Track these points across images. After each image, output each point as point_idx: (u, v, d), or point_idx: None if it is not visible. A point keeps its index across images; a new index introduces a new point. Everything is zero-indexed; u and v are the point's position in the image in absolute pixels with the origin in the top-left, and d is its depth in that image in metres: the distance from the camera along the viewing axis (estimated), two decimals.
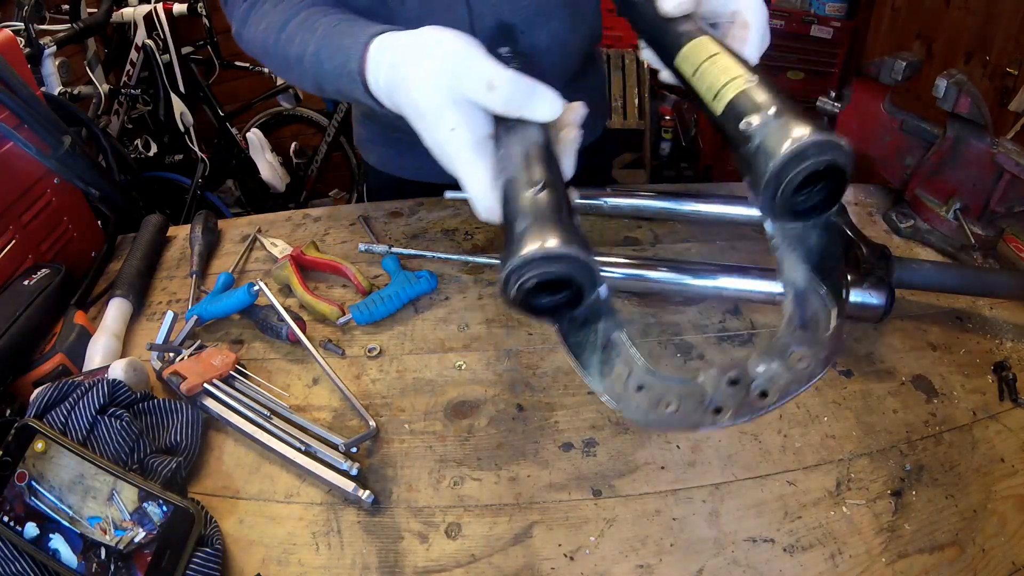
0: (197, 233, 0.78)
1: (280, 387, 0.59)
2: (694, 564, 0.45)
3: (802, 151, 0.29)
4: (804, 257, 0.34)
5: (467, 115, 0.39)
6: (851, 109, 0.82)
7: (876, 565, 0.45)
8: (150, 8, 1.93)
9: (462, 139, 0.39)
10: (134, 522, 0.45)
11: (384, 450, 0.54)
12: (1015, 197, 0.68)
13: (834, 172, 0.31)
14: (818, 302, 0.34)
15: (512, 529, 0.48)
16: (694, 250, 0.75)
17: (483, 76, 0.38)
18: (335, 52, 0.47)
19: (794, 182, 0.30)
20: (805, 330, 0.33)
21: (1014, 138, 0.72)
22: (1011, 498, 0.49)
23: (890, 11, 2.00)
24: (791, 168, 0.30)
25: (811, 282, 0.34)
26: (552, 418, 0.56)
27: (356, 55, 0.45)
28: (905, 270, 0.63)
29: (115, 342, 0.64)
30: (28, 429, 0.47)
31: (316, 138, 2.43)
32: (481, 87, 0.38)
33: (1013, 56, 1.50)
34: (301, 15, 0.53)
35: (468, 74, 0.38)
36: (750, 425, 0.54)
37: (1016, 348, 0.62)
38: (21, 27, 1.55)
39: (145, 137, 2.09)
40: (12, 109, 0.68)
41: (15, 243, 0.68)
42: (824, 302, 0.34)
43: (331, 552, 0.47)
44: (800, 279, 0.34)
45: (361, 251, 0.75)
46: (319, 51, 0.49)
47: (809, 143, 0.29)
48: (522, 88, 0.38)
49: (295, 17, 0.53)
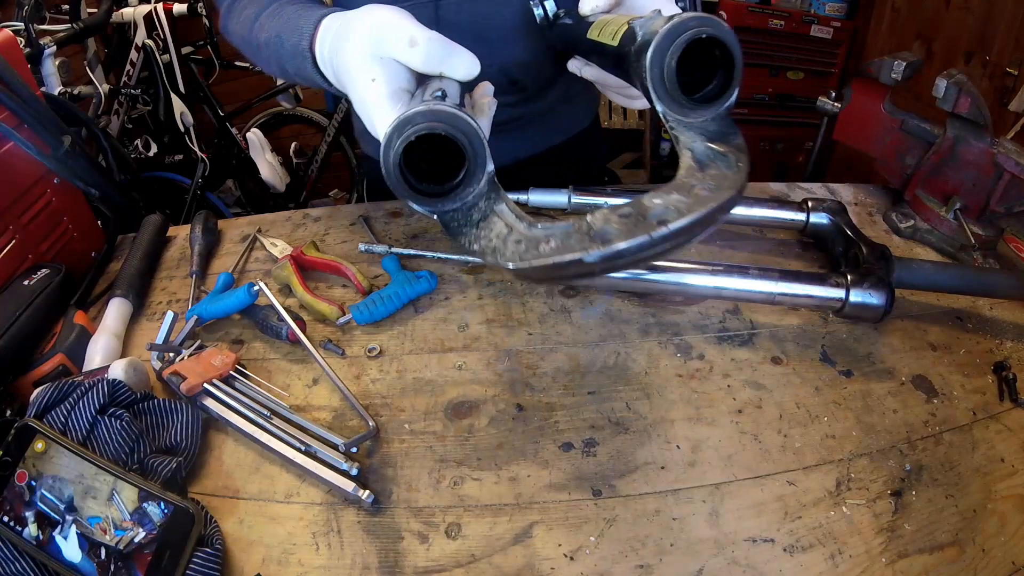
0: (197, 233, 0.78)
1: (280, 387, 0.59)
2: (694, 564, 0.45)
3: (680, 23, 0.31)
4: (701, 134, 0.34)
5: (387, 69, 0.41)
6: (851, 109, 0.82)
7: (876, 565, 0.45)
8: (150, 8, 1.93)
9: (380, 89, 0.41)
10: (134, 522, 0.45)
11: (384, 450, 0.54)
12: (1015, 197, 0.68)
13: (723, 57, 0.32)
14: (717, 158, 0.32)
15: (512, 529, 0.48)
16: (694, 250, 0.75)
17: (405, 33, 0.40)
18: (291, 33, 0.52)
19: (675, 53, 0.32)
20: (707, 171, 0.31)
21: (1014, 138, 0.72)
22: (1011, 498, 0.49)
23: (890, 11, 2.00)
24: (670, 40, 0.32)
25: (710, 147, 0.33)
26: (552, 418, 0.56)
27: (307, 34, 0.49)
28: (905, 270, 0.63)
29: (115, 342, 0.64)
30: (28, 429, 0.47)
31: (316, 138, 2.43)
32: (403, 43, 0.40)
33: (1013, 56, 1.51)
34: (272, 7, 0.59)
35: (392, 32, 0.41)
36: (750, 425, 0.54)
37: (1016, 348, 0.62)
38: (21, 27, 1.55)
39: (145, 137, 2.09)
40: (12, 109, 0.68)
41: (15, 243, 0.68)
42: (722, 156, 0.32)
43: (331, 552, 0.47)
44: (699, 147, 0.33)
45: (361, 251, 0.75)
46: (280, 34, 0.54)
47: (687, 17, 0.32)
48: (441, 46, 0.40)
49: (267, 8, 0.59)
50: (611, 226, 0.27)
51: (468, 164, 0.33)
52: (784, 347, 0.62)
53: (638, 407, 0.56)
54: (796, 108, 2.32)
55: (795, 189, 0.86)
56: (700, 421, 0.55)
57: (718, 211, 0.28)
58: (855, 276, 0.60)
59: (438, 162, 0.34)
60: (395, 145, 0.32)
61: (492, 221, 0.34)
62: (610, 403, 0.57)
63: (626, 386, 0.58)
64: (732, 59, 0.32)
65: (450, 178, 0.34)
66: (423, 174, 0.34)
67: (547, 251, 0.29)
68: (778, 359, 0.61)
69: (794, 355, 0.61)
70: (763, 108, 2.35)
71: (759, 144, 2.42)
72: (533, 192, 0.75)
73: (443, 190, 0.34)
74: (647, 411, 0.56)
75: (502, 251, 0.31)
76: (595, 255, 0.27)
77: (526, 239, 0.31)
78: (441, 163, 0.34)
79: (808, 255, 0.74)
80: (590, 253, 0.27)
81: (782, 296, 0.60)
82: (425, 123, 0.32)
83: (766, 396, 0.57)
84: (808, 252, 0.75)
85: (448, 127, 0.32)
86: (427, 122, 0.32)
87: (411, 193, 0.34)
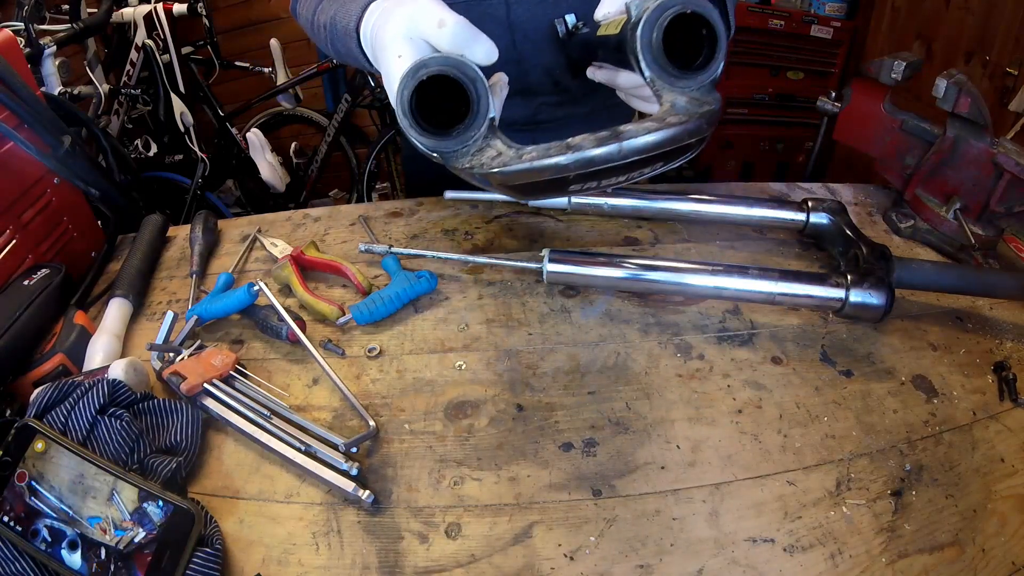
0: (197, 233, 0.78)
1: (280, 387, 0.59)
2: (694, 564, 0.45)
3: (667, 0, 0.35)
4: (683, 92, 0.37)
5: (415, 48, 0.44)
6: (851, 109, 0.82)
7: (876, 565, 0.45)
8: (150, 8, 1.93)
9: (405, 64, 0.43)
10: (134, 522, 0.45)
11: (384, 450, 0.54)
12: (1015, 197, 0.68)
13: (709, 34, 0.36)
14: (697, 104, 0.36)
15: (512, 529, 0.48)
16: (694, 250, 0.75)
17: (436, 15, 0.43)
18: (343, 16, 0.56)
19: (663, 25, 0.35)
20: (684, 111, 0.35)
21: (1014, 138, 0.72)
22: (1011, 498, 0.49)
23: (890, 11, 2.00)
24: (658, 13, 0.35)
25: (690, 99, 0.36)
26: (552, 418, 0.56)
27: (355, 16, 0.54)
28: (905, 270, 0.63)
29: (115, 342, 0.64)
30: (28, 429, 0.47)
31: (316, 138, 2.43)
32: (433, 24, 0.43)
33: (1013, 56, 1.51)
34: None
35: (424, 14, 0.44)
36: (750, 425, 0.54)
37: (1016, 348, 0.62)
38: (21, 27, 1.55)
39: (145, 137, 2.09)
40: (12, 109, 0.68)
41: (15, 243, 0.68)
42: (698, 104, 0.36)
43: (331, 552, 0.47)
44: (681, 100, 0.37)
45: (361, 251, 0.75)
46: (335, 16, 0.58)
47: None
48: (467, 30, 0.43)
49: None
50: (587, 141, 0.32)
51: (472, 107, 0.36)
52: (784, 347, 0.62)
53: (638, 407, 0.56)
54: (796, 108, 2.33)
55: (795, 189, 0.86)
56: (700, 421, 0.55)
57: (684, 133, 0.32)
58: (855, 276, 0.60)
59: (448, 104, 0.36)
60: (408, 84, 0.35)
61: (486, 149, 0.37)
62: (610, 403, 0.57)
63: (626, 386, 0.58)
64: (716, 35, 0.35)
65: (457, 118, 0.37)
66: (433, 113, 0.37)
67: (528, 159, 0.33)
68: (778, 359, 0.61)
69: (794, 355, 0.61)
70: (763, 108, 2.35)
71: (759, 144, 2.42)
72: None
73: (449, 132, 0.37)
74: (647, 411, 0.56)
75: (490, 165, 0.35)
76: (569, 158, 0.32)
77: (513, 151, 0.35)
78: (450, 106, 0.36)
79: (808, 255, 0.74)
80: (566, 156, 0.32)
81: (782, 296, 0.60)
82: (436, 66, 0.35)
83: (766, 396, 0.57)
84: (808, 252, 0.75)
85: (456, 71, 0.35)
86: (439, 66, 0.35)
87: (419, 130, 0.36)
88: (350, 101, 2.24)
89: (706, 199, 0.75)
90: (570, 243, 0.77)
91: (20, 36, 1.53)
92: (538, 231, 0.79)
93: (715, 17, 0.35)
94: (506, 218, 0.79)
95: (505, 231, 0.79)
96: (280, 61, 2.17)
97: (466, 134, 0.37)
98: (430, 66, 0.35)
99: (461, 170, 0.37)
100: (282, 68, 2.18)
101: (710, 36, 0.36)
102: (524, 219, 0.80)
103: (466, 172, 0.37)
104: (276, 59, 2.16)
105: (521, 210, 0.79)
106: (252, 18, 2.49)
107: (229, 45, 2.29)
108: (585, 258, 0.65)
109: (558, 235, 0.78)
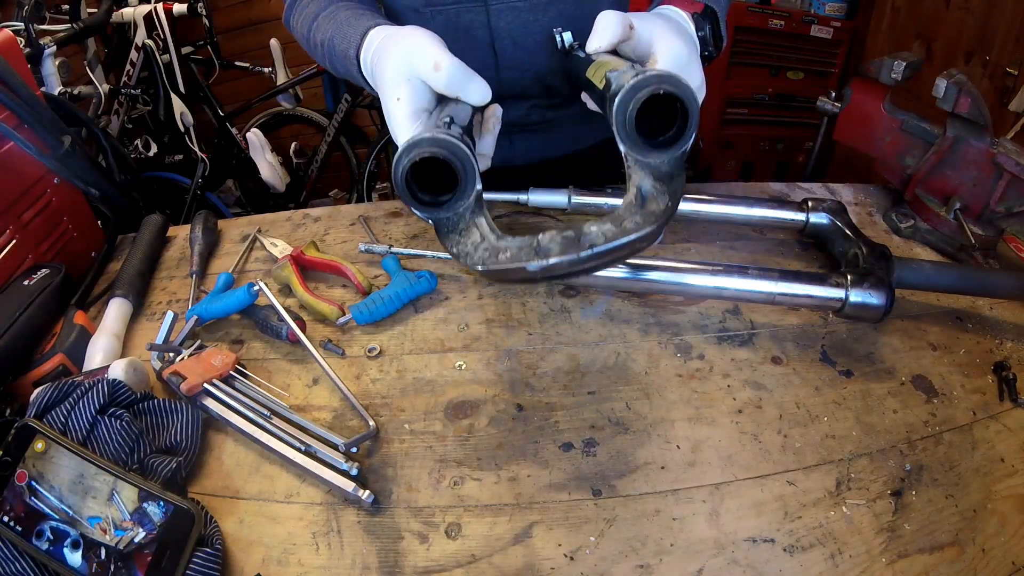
0: (197, 233, 0.78)
1: (280, 387, 0.59)
2: (694, 564, 0.45)
3: (642, 79, 0.38)
4: (652, 173, 0.40)
5: (413, 89, 0.48)
6: (851, 109, 0.82)
7: (876, 565, 0.45)
8: (150, 8, 1.93)
9: (403, 108, 0.48)
10: (134, 522, 0.45)
11: (384, 450, 0.54)
12: (1015, 197, 0.68)
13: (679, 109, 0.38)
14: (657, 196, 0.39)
15: (512, 529, 0.48)
16: (694, 250, 0.75)
17: (431, 59, 0.46)
18: (342, 40, 0.59)
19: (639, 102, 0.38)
20: (641, 208, 0.39)
21: (1014, 138, 0.72)
22: (1011, 498, 0.49)
23: (890, 11, 2.00)
24: (632, 93, 0.38)
25: (655, 186, 0.40)
26: (552, 418, 0.56)
27: (355, 43, 0.56)
28: (905, 270, 0.63)
29: (115, 342, 0.64)
30: (28, 429, 0.47)
31: (316, 138, 2.43)
32: (429, 67, 0.46)
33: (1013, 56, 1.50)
34: (329, 8, 0.65)
35: (421, 56, 0.47)
36: (750, 425, 0.54)
37: (1016, 348, 0.62)
38: (21, 27, 1.55)
39: (145, 137, 2.09)
40: (12, 109, 0.68)
41: (15, 243, 0.68)
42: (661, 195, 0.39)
43: (331, 552, 0.47)
44: (646, 184, 0.40)
45: (361, 251, 0.75)
46: (333, 38, 0.60)
47: (650, 75, 0.38)
48: (462, 72, 0.46)
49: (325, 10, 0.65)
50: (553, 244, 0.37)
51: (460, 183, 0.40)
52: (784, 347, 0.62)
53: (638, 407, 0.56)
54: (796, 108, 2.32)
55: (795, 189, 0.86)
56: (700, 421, 0.55)
57: (637, 241, 0.36)
58: (855, 276, 0.60)
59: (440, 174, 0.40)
60: (403, 163, 0.39)
61: (471, 230, 0.41)
62: (610, 403, 0.57)
63: (626, 386, 0.58)
64: (688, 112, 0.38)
65: (448, 186, 0.41)
66: (427, 182, 0.41)
67: (503, 259, 0.38)
68: (778, 359, 0.61)
69: (794, 355, 0.61)
70: (763, 108, 2.34)
71: (759, 144, 2.41)
72: (533, 192, 0.75)
73: (439, 201, 0.41)
74: (647, 411, 0.56)
75: (472, 255, 0.40)
76: (535, 266, 0.36)
77: (491, 248, 0.40)
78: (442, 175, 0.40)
79: (808, 255, 0.74)
80: (532, 264, 0.36)
81: (782, 296, 0.60)
82: (428, 148, 0.39)
83: (766, 396, 0.57)
84: (808, 252, 0.75)
85: (446, 152, 0.39)
86: (430, 147, 0.39)
87: (414, 201, 0.41)
88: (350, 101, 2.24)
89: (706, 199, 0.75)
90: None
91: (20, 36, 1.53)
92: (538, 231, 0.78)
93: (688, 94, 0.37)
94: (506, 218, 0.79)
95: (505, 231, 0.78)
96: (280, 61, 2.16)
97: (456, 204, 0.41)
98: (422, 147, 0.39)
99: (449, 252, 0.41)
100: (282, 68, 2.18)
101: (683, 112, 0.38)
102: (524, 219, 0.80)
103: (452, 255, 0.41)
104: (276, 59, 2.16)
105: (521, 210, 0.79)
106: (252, 18, 2.49)
107: (229, 45, 2.29)
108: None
109: None
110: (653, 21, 0.51)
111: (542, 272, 0.37)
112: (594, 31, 0.49)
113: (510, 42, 0.73)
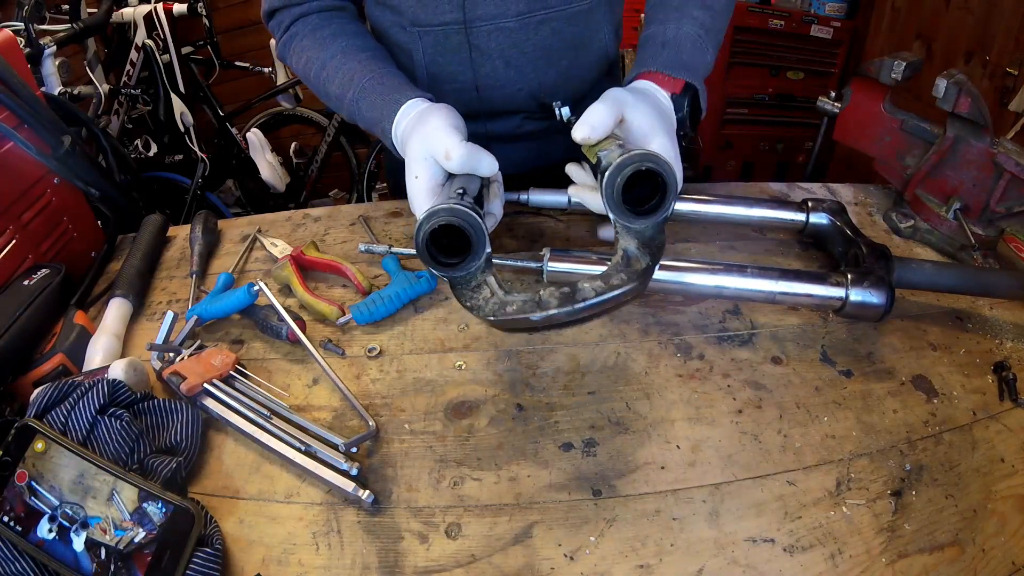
0: (197, 233, 0.78)
1: (280, 387, 0.59)
2: (694, 564, 0.45)
3: (627, 158, 0.44)
4: (636, 237, 0.47)
5: (429, 169, 0.54)
6: (851, 109, 0.82)
7: (876, 565, 0.45)
8: (150, 8, 1.93)
9: (421, 185, 0.54)
10: (134, 522, 0.45)
11: (384, 450, 0.54)
12: (1015, 197, 0.68)
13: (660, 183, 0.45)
14: (640, 256, 0.46)
15: (512, 529, 0.48)
16: (694, 250, 0.75)
17: (443, 148, 0.52)
18: (372, 109, 0.64)
19: (624, 177, 0.44)
20: (626, 267, 0.45)
21: (1014, 138, 0.72)
22: (1011, 498, 0.49)
23: (890, 11, 2.00)
24: (619, 170, 0.44)
25: (639, 248, 0.46)
26: (552, 418, 0.56)
27: (389, 118, 0.61)
28: (905, 270, 0.63)
29: (115, 342, 0.64)
30: (28, 429, 0.47)
31: (316, 138, 2.43)
32: (441, 156, 0.52)
33: (1013, 56, 1.50)
34: (337, 57, 0.67)
35: (435, 144, 0.53)
36: (750, 425, 0.54)
37: (1016, 348, 0.62)
38: (21, 27, 1.55)
39: (145, 137, 2.09)
40: (12, 109, 0.68)
41: (15, 243, 0.68)
42: (643, 255, 0.46)
43: (331, 552, 0.47)
44: (631, 247, 0.46)
45: (361, 251, 0.75)
46: (358, 101, 0.65)
47: (635, 154, 0.44)
48: (470, 156, 0.52)
49: (332, 59, 0.67)
50: (552, 299, 0.44)
51: (473, 247, 0.47)
52: (784, 347, 0.62)
53: (638, 407, 0.56)
54: (796, 108, 2.32)
55: (795, 189, 0.86)
56: (700, 421, 0.55)
57: (623, 295, 0.44)
58: (855, 275, 0.60)
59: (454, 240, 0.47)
60: (424, 229, 0.46)
61: (482, 287, 0.48)
62: (610, 403, 0.57)
63: (626, 386, 0.58)
64: (666, 185, 0.44)
65: (461, 248, 0.47)
66: (443, 246, 0.48)
67: (511, 311, 0.45)
68: (778, 359, 0.61)
69: (794, 355, 0.61)
70: (763, 108, 2.34)
71: (759, 144, 2.42)
72: (533, 192, 0.75)
73: (454, 263, 0.48)
74: (647, 411, 0.56)
75: (483, 308, 0.46)
76: (538, 316, 0.44)
77: (500, 302, 0.46)
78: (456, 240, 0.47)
79: (808, 255, 0.74)
80: (535, 315, 0.44)
81: (782, 295, 0.60)
82: (445, 217, 0.45)
83: (766, 396, 0.57)
84: (808, 252, 0.75)
85: (460, 221, 0.45)
86: (447, 217, 0.45)
87: (434, 263, 0.47)
88: None
89: (706, 199, 0.75)
90: (570, 243, 0.77)
91: (20, 36, 1.53)
92: (538, 231, 0.79)
93: (667, 169, 0.44)
94: (506, 218, 0.79)
95: (505, 231, 0.79)
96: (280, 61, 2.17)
97: (469, 265, 0.47)
98: (440, 216, 0.45)
99: (463, 305, 0.47)
100: (282, 68, 2.18)
101: (663, 185, 0.45)
102: (524, 219, 0.80)
103: (466, 308, 0.47)
104: (276, 59, 2.16)
105: (521, 210, 0.79)
106: (252, 18, 2.49)
107: (229, 45, 2.29)
108: (586, 257, 0.65)
109: (558, 235, 0.78)
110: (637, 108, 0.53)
111: (543, 322, 0.44)
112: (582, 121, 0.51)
113: (502, 62, 0.74)
